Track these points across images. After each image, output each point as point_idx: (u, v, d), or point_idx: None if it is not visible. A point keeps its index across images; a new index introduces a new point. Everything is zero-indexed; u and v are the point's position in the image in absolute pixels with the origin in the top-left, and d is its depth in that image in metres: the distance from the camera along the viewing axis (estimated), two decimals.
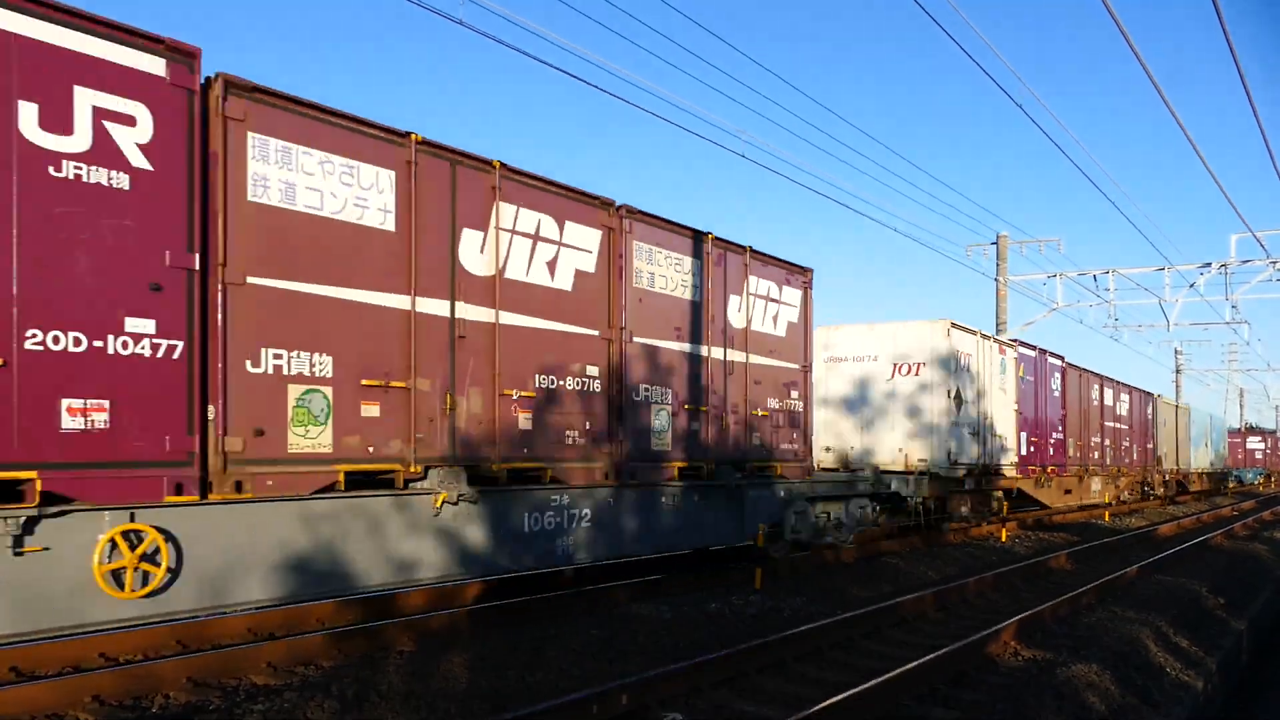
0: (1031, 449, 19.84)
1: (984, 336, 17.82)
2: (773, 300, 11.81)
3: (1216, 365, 68.00)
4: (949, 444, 16.01)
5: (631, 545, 9.54)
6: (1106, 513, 24.57)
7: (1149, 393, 31.49)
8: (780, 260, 11.93)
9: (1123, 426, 27.69)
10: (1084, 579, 12.24)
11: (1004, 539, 17.36)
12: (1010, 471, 18.62)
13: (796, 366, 12.22)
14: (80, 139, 5.57)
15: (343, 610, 8.40)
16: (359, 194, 7.13)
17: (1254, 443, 63.25)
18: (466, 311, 7.88)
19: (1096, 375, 25.36)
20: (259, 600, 6.44)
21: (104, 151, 5.65)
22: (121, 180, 5.74)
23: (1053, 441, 21.22)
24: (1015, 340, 20.18)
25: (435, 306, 7.64)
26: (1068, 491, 22.25)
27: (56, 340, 5.46)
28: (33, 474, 5.34)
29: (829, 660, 7.65)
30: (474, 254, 8.00)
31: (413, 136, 7.47)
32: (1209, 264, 26.90)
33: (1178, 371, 54.93)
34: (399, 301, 7.35)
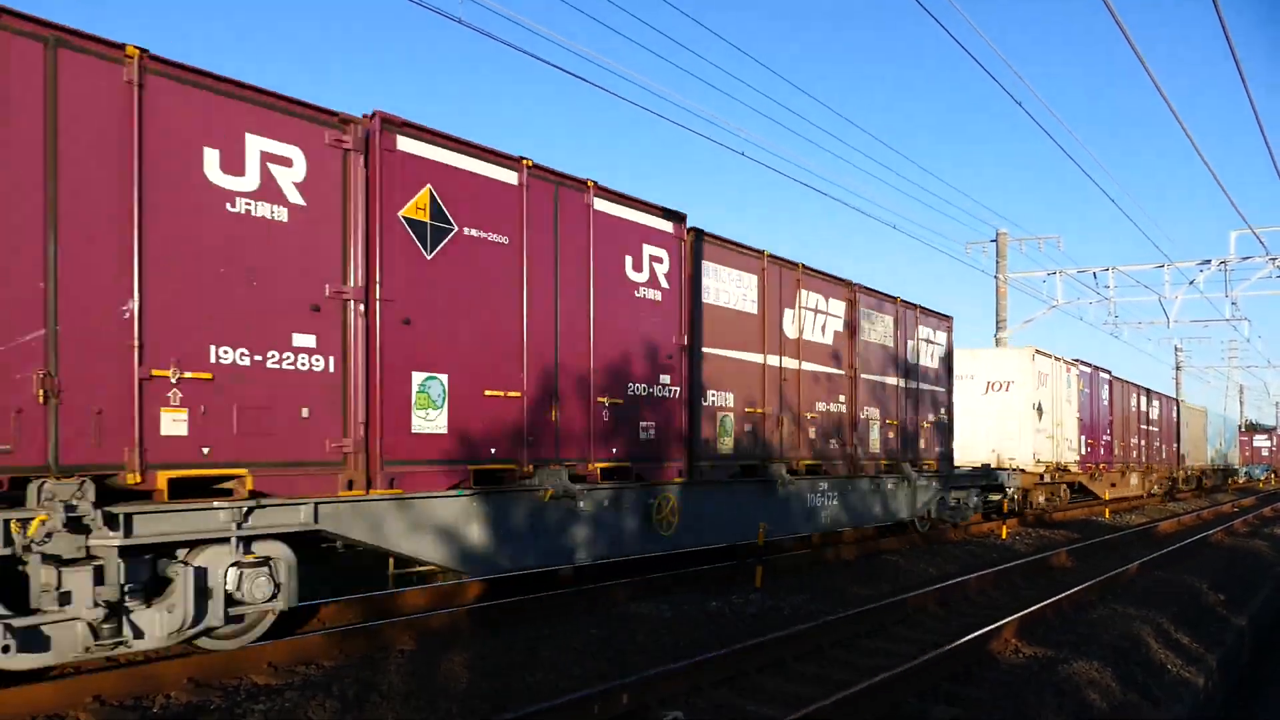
0: (1088, 449, 23.74)
1: (1056, 359, 21.89)
2: (933, 343, 16.45)
3: (1216, 362, 68.09)
4: (1032, 446, 20.39)
5: (855, 519, 13.71)
6: (1107, 510, 24.60)
7: (1174, 398, 35.77)
8: (936, 312, 16.61)
9: (1154, 429, 31.39)
10: (1084, 576, 12.25)
11: (1004, 536, 17.37)
12: (1074, 468, 22.66)
13: (944, 390, 16.80)
14: None
15: (343, 610, 8.40)
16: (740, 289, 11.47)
17: (1260, 440, 64.95)
18: (786, 362, 12.21)
19: (1134, 385, 29.43)
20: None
21: None
22: None
23: (1103, 443, 25.28)
24: (1077, 360, 23.66)
25: (772, 360, 11.93)
26: (1113, 485, 25.99)
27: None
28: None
29: (830, 658, 7.65)
30: (788, 324, 12.33)
31: (766, 254, 11.83)
32: (1209, 261, 26.94)
33: (1178, 369, 54.93)
34: (758, 358, 11.70)
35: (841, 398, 13.45)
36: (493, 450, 8.13)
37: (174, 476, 6.08)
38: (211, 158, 6.30)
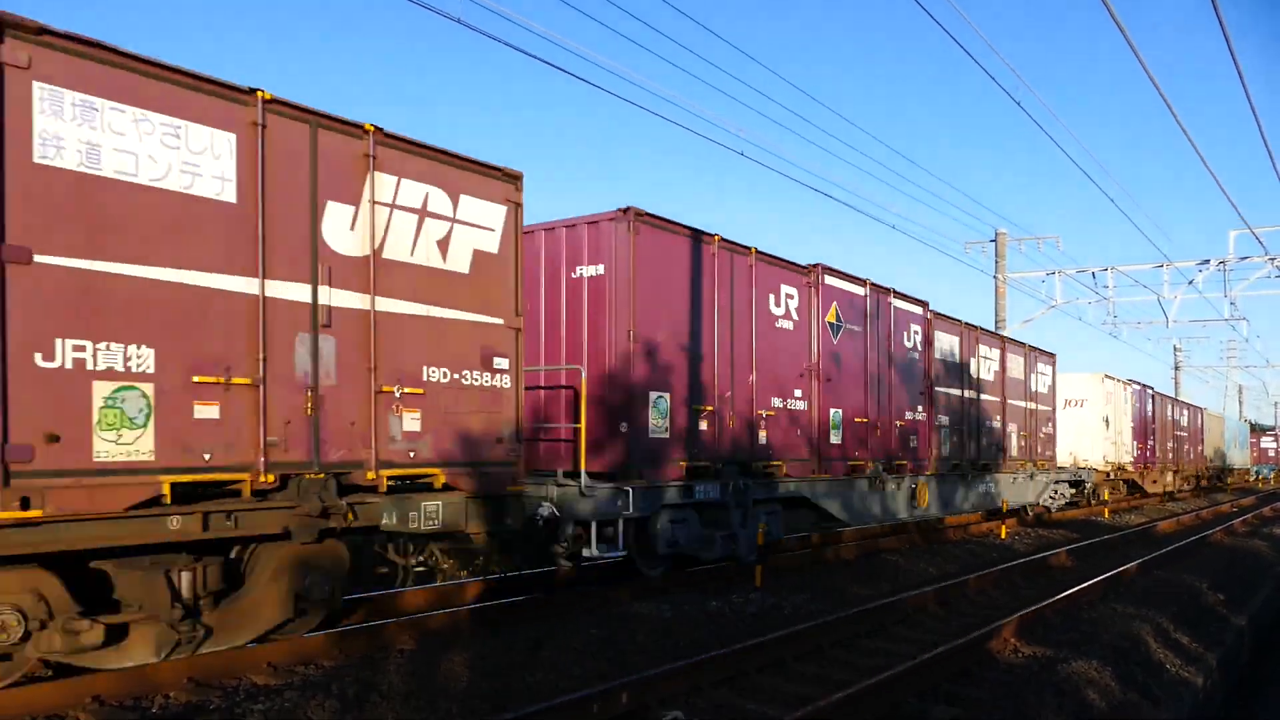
0: (1139, 452, 28.97)
1: (1117, 380, 27.17)
2: (1043, 375, 21.75)
3: (1215, 362, 68.17)
4: (1101, 450, 25.80)
5: (1012, 500, 18.79)
6: (1106, 510, 24.63)
7: (1200, 407, 41.61)
8: (1047, 352, 21.93)
9: (1184, 434, 36.87)
10: (1084, 575, 12.24)
11: (1003, 536, 17.38)
12: (1129, 467, 27.86)
13: (1049, 409, 22.09)
14: None
15: (343, 610, 8.39)
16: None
17: (1267, 441, 68.39)
18: (984, 397, 18.31)
19: (1170, 397, 35.46)
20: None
21: None
22: None
23: (1149, 446, 30.51)
24: (1131, 380, 28.87)
25: (970, 393, 17.98)
26: (1154, 480, 31.05)
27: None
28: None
29: (830, 658, 7.65)
30: (984, 371, 18.12)
31: (963, 323, 17.65)
32: (1208, 261, 26.94)
33: (1176, 368, 54.93)
34: (957, 393, 17.58)
35: (997, 418, 18.85)
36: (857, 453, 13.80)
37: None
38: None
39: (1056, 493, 21.63)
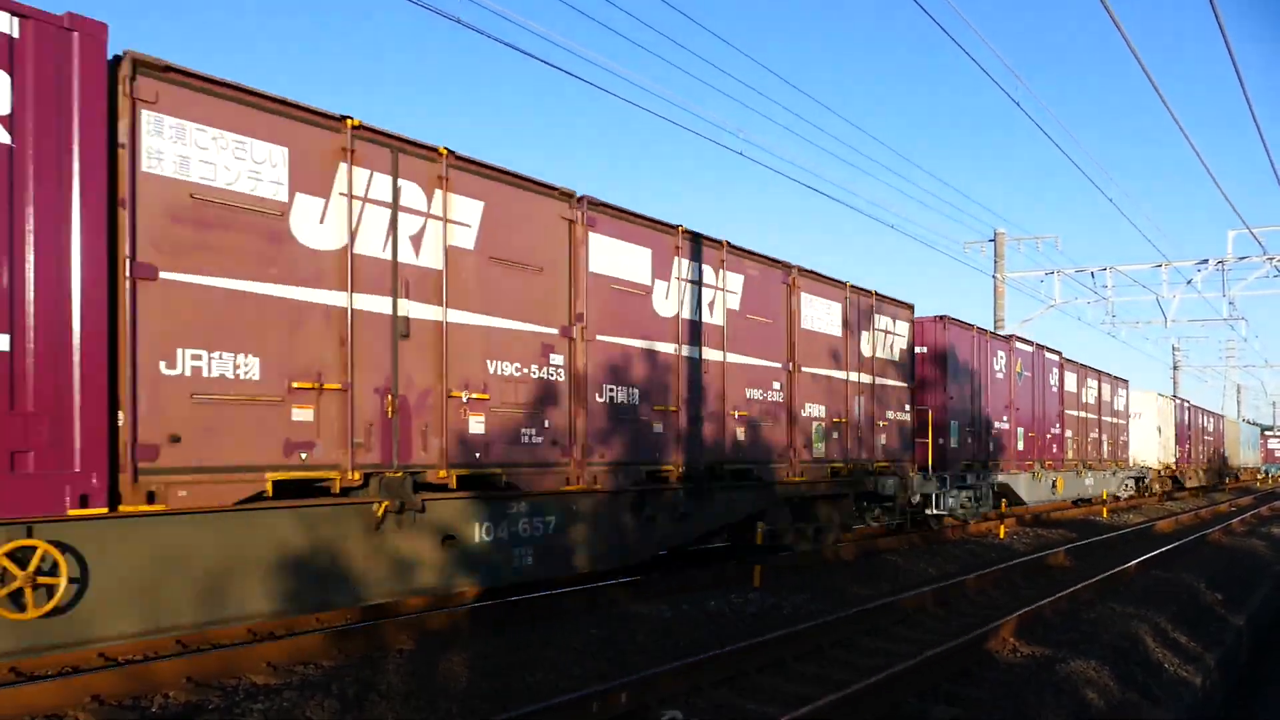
0: (1180, 453, 35.14)
1: (1166, 397, 34.27)
2: (1120, 395, 29.08)
3: (1214, 362, 68.35)
4: (1156, 453, 32.26)
5: (1100, 490, 25.92)
6: (1105, 509, 24.66)
7: (1220, 414, 48.58)
8: (1122, 379, 28.79)
9: (1209, 438, 43.83)
10: (1083, 575, 12.25)
11: (1002, 535, 17.39)
12: (1174, 466, 34.22)
13: (1125, 423, 29.81)
14: None
15: (342, 610, 8.38)
16: None
17: (1274, 443, 71.57)
18: (1083, 414, 25.49)
19: (1200, 408, 41.51)
20: None
21: None
22: None
23: (1186, 449, 36.67)
24: (1175, 395, 36.34)
25: (1077, 413, 25.12)
26: (1191, 476, 37.16)
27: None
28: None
29: (829, 658, 7.65)
30: (1086, 395, 24.92)
31: (1041, 347, 22.06)
32: (1206, 261, 26.95)
33: (1175, 368, 54.98)
34: (1078, 415, 24.24)
35: (1095, 430, 26.31)
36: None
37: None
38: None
39: (1126, 485, 29.04)
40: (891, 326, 14.68)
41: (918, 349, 16.17)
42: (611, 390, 9.25)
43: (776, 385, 11.65)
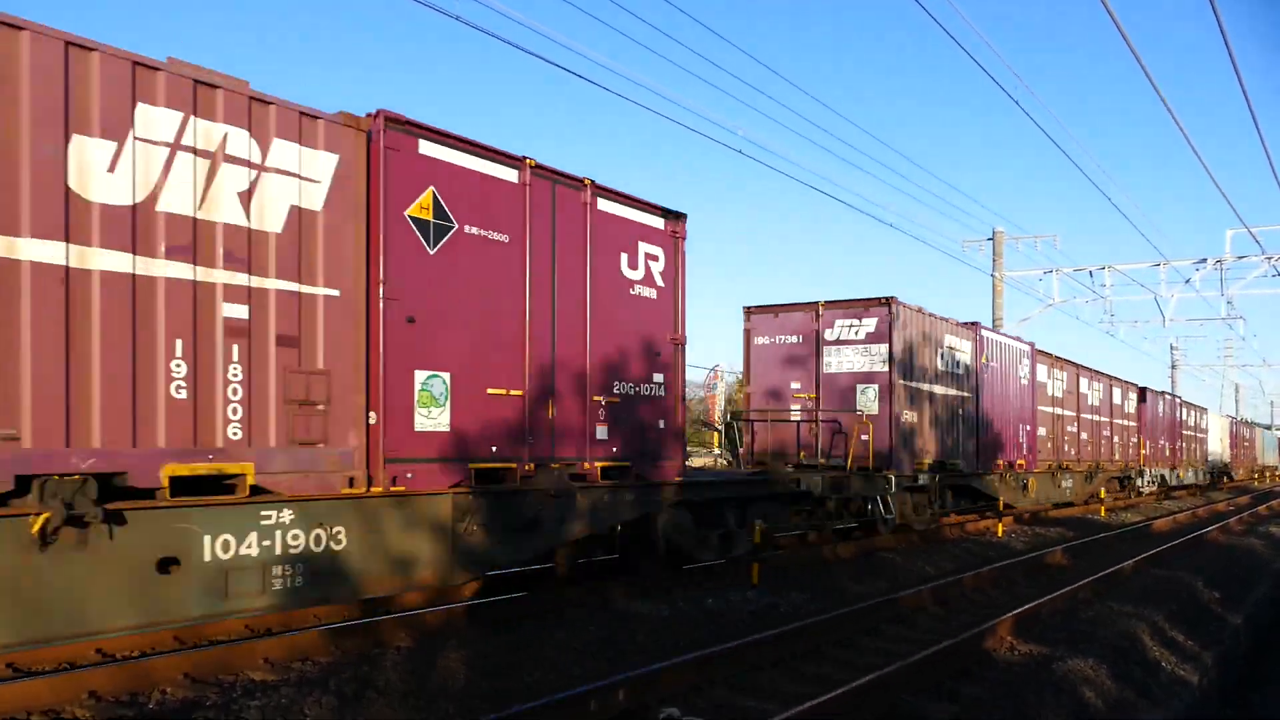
0: (1231, 453, 49.02)
1: (1227, 416, 52.43)
2: (1202, 418, 43.93)
3: (1212, 361, 68.59)
4: (1221, 453, 46.71)
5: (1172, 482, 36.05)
6: (1102, 508, 24.67)
7: (1253, 424, 63.97)
8: (1202, 406, 44.73)
9: (1247, 442, 56.88)
10: (1081, 574, 12.25)
11: (1000, 534, 17.40)
12: (1229, 462, 48.10)
13: (1205, 435, 43.58)
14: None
15: (340, 607, 8.37)
16: None
17: None
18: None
19: (1242, 421, 56.72)
20: None
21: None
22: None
23: (1233, 450, 50.19)
24: (1229, 414, 52.87)
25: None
26: (1237, 470, 50.51)
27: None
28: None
29: (828, 656, 7.65)
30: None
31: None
32: (1205, 260, 26.96)
33: (1173, 367, 55.07)
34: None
35: (1162, 441, 32.75)
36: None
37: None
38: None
39: (1200, 474, 40.85)
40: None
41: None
42: None
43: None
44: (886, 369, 14.67)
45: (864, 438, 14.31)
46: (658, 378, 10.02)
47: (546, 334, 8.67)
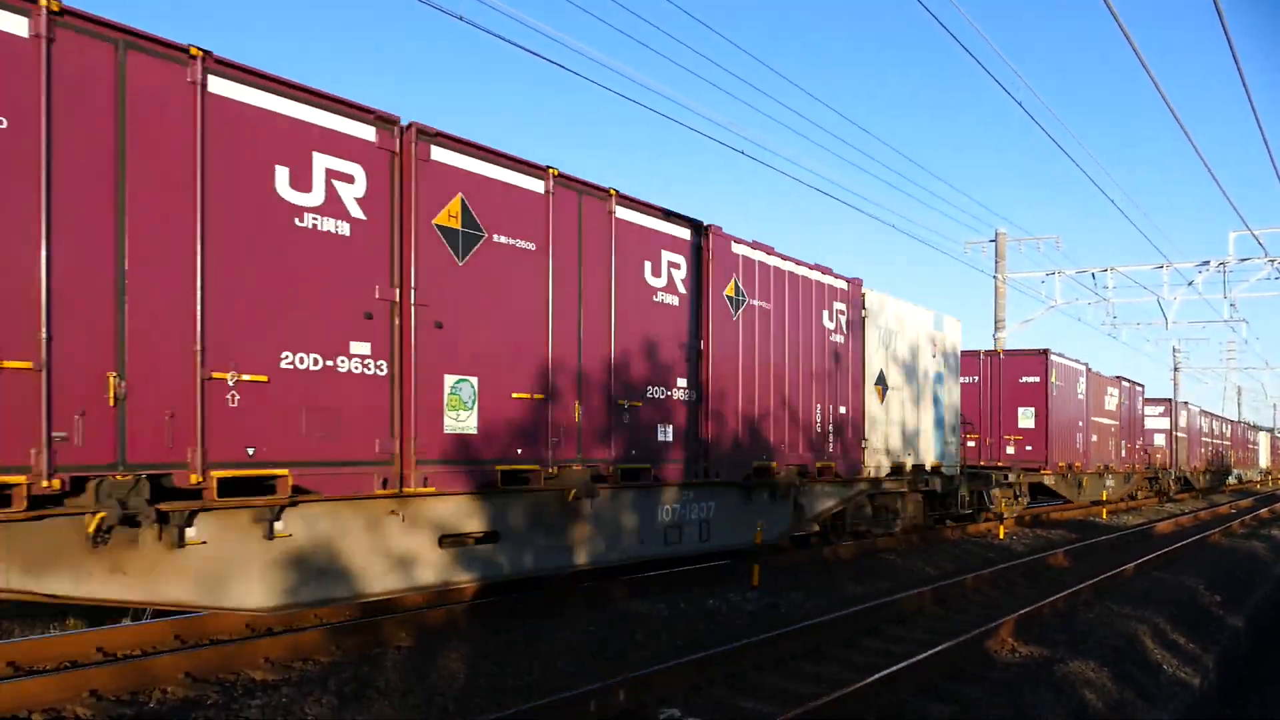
0: (1272, 461, 64.23)
1: (1270, 432, 71.97)
2: (1263, 436, 69.14)
3: (1214, 363, 68.76)
4: (1267, 463, 65.17)
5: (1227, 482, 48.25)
6: (1104, 510, 24.67)
7: (1270, 430, 72.57)
8: (1258, 425, 69.54)
9: (1263, 447, 65.52)
10: (1081, 576, 12.25)
11: (1001, 536, 17.38)
12: (1270, 469, 65.37)
13: (1258, 449, 63.17)
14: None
15: (340, 607, 8.38)
16: None
17: None
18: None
19: (1262, 428, 66.88)
20: None
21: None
22: None
23: (1273, 457, 66.13)
24: (1272, 431, 73.01)
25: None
26: (1276, 475, 65.36)
27: None
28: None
29: (828, 657, 7.65)
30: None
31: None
32: (1207, 262, 26.90)
33: (1176, 369, 54.99)
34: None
35: (1247, 454, 51.03)
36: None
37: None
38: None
39: (1241, 478, 47.48)
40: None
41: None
42: None
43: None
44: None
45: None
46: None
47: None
